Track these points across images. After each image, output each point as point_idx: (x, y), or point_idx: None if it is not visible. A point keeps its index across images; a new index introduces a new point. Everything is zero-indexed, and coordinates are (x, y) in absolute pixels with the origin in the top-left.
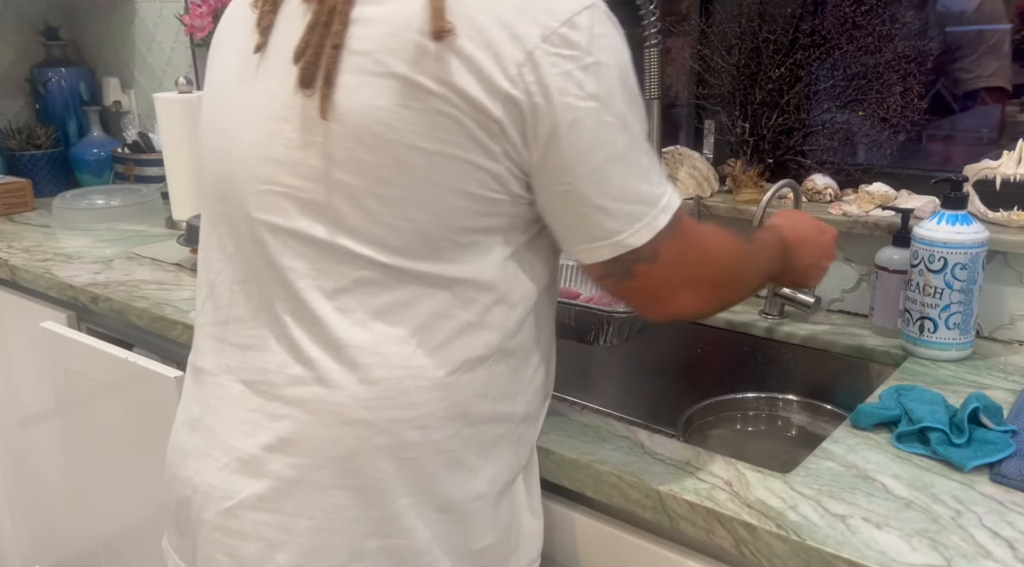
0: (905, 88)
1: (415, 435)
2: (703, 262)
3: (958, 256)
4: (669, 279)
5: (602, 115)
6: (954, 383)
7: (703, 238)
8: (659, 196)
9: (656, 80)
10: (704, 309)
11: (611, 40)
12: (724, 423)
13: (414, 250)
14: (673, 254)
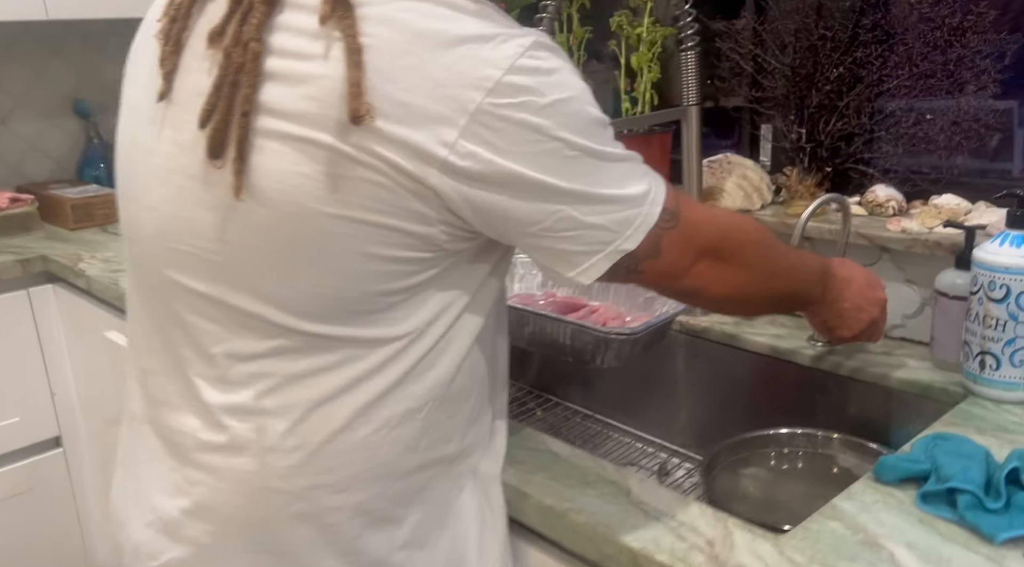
0: (979, 87)
1: (336, 500)
2: (721, 237)
3: (1023, 284)
4: (677, 264)
5: (566, 152)
6: (1016, 431)
7: (717, 217)
8: (644, 193)
9: (694, 86)
10: (727, 287)
11: (561, 74)
12: (759, 460)
13: (336, 316)
14: (677, 244)
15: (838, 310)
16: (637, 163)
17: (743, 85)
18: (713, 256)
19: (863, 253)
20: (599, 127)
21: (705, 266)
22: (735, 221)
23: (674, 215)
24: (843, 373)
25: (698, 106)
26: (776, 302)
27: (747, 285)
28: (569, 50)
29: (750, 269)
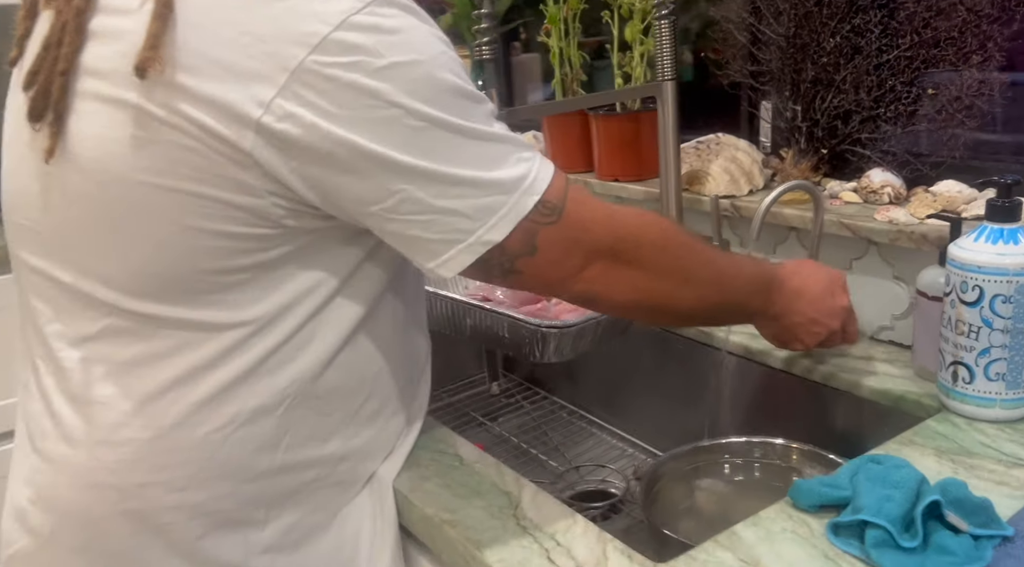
0: (984, 58)
1: (170, 499)
2: (616, 238)
3: (999, 285)
4: (561, 265)
5: (408, 120)
6: (981, 456)
7: (614, 216)
8: (516, 179)
9: (669, 58)
10: (629, 294)
11: (409, 34)
12: (710, 471)
13: (167, 295)
14: (559, 242)
15: (788, 324)
16: (514, 145)
17: (737, 58)
18: (609, 259)
19: (849, 246)
20: (460, 98)
21: (599, 270)
22: (639, 221)
23: (555, 210)
24: (815, 378)
25: (674, 81)
26: (702, 313)
27: (655, 293)
28: (564, 21)
29: (657, 275)
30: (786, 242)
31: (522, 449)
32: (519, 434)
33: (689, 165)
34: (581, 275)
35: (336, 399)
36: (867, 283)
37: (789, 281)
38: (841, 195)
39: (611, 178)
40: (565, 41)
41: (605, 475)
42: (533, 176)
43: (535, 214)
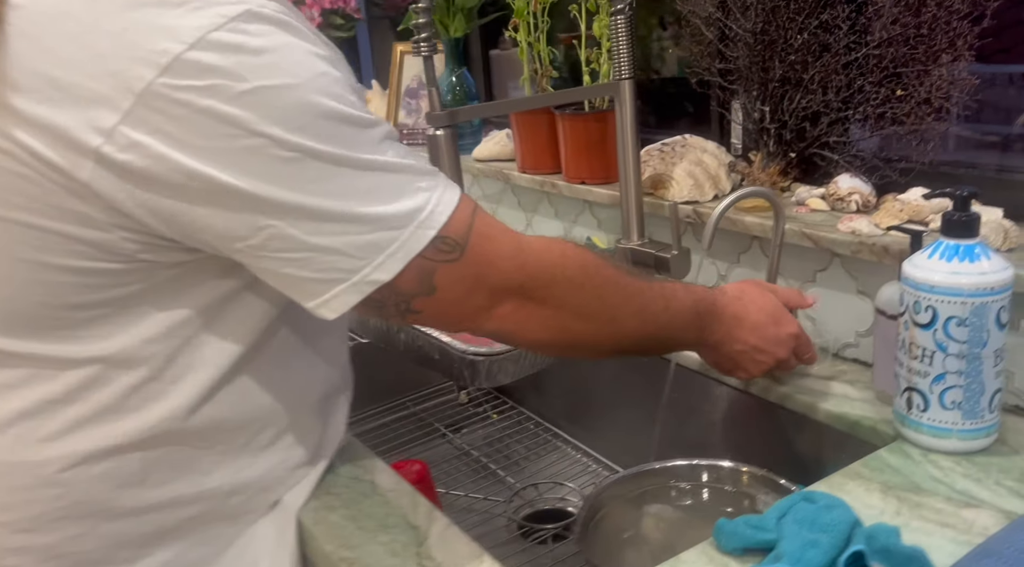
0: (955, 57)
1: (16, 540)
2: (527, 276)
3: (953, 307)
4: (466, 304)
5: (275, 151)
6: (931, 493)
7: (525, 251)
8: (409, 213)
9: (626, 56)
10: (546, 333)
11: (279, 55)
12: (663, 495)
13: (14, 328)
14: (461, 280)
15: (729, 352)
16: (409, 174)
17: (705, 55)
18: (519, 297)
19: (812, 257)
20: (341, 125)
21: (510, 308)
22: (552, 257)
23: (456, 245)
24: (771, 399)
25: (631, 80)
26: (630, 348)
27: (572, 332)
28: (532, 16)
29: (574, 313)
30: (749, 251)
31: (481, 464)
32: (482, 447)
33: (652, 168)
34: (490, 314)
35: (218, 433)
36: (831, 297)
37: (729, 307)
38: (808, 202)
39: (578, 181)
40: (533, 36)
41: (564, 493)
42: (430, 208)
43: (432, 250)
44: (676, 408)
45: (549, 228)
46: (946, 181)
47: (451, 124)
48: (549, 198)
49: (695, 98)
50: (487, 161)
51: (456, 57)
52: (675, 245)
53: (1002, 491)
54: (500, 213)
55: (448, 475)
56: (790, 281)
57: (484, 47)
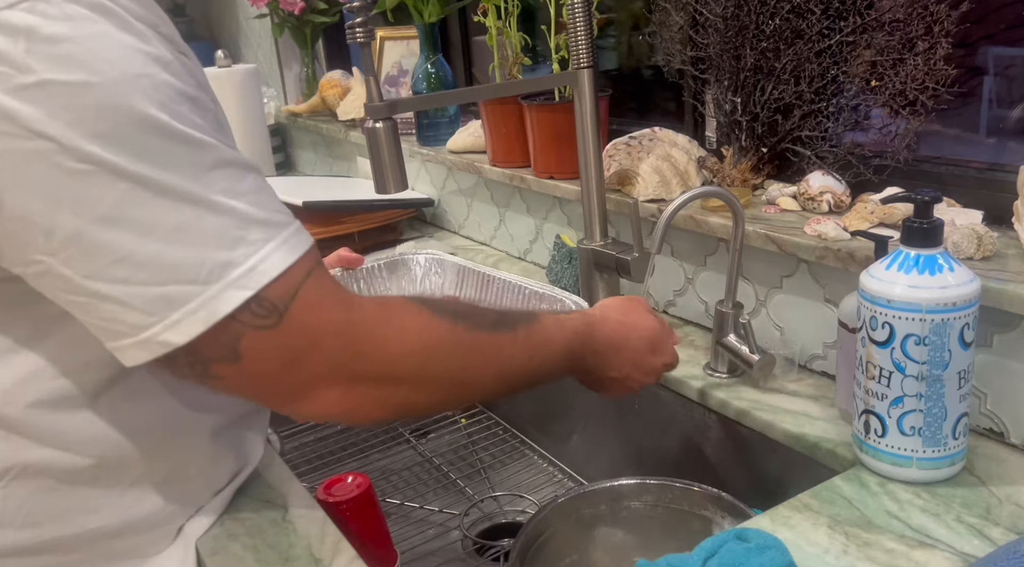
0: (931, 45)
1: None
2: (357, 354)
3: (911, 324)
4: (278, 380)
5: (61, 159)
6: (883, 528)
7: (358, 324)
8: (222, 267)
9: (584, 43)
10: (381, 413)
11: (85, 45)
12: (613, 517)
13: None
14: (274, 352)
15: (599, 377)
16: (236, 220)
17: (675, 41)
18: (348, 379)
19: (779, 261)
20: (158, 138)
21: (337, 393)
22: (388, 330)
23: (274, 310)
24: (729, 414)
25: (591, 69)
26: (494, 396)
27: (419, 403)
28: (504, 2)
29: (418, 386)
30: (716, 253)
31: (442, 473)
32: (446, 453)
33: (618, 163)
34: (311, 397)
35: (103, 471)
36: (797, 304)
37: (608, 335)
38: (779, 201)
39: (546, 175)
40: (503, 21)
41: (524, 506)
42: (250, 265)
43: (243, 313)
44: (645, 422)
45: (520, 225)
46: (926, 180)
47: (390, 116)
48: (520, 193)
49: (677, 89)
50: (461, 153)
51: (432, 43)
52: (636, 247)
53: (961, 529)
54: (474, 208)
55: (407, 484)
56: (756, 287)
57: (464, 33)
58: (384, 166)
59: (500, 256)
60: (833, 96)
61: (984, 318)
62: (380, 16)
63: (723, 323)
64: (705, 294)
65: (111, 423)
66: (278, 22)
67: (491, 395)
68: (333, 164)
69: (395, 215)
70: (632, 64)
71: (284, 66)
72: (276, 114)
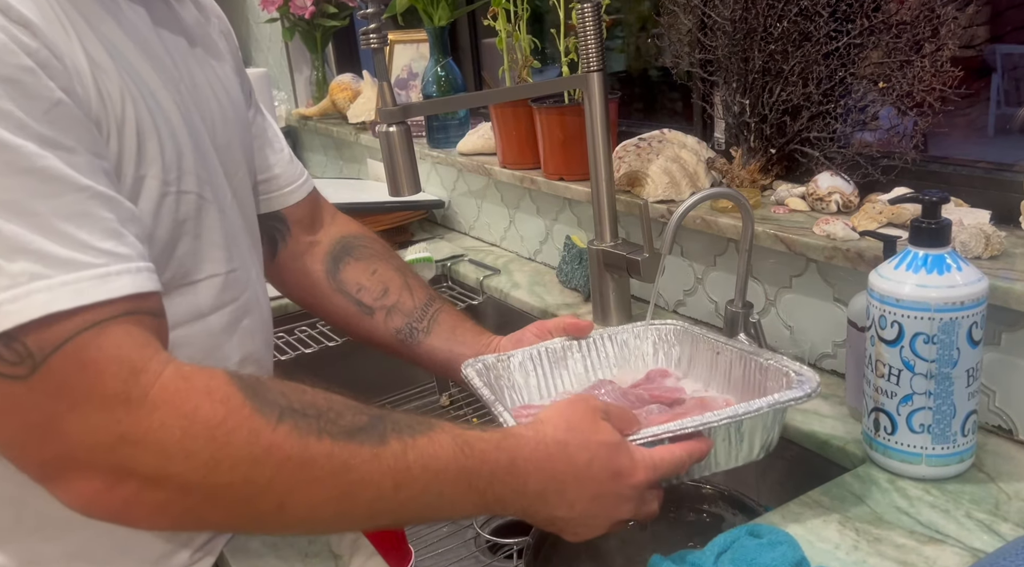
0: (937, 46)
1: None
2: (121, 439)
3: (920, 323)
4: (28, 446)
5: None
6: (893, 524)
7: (140, 401)
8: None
9: (594, 47)
10: (160, 520)
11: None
12: None
13: None
14: (11, 409)
15: (544, 519)
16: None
17: (684, 44)
18: (115, 472)
19: (788, 261)
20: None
21: (97, 486)
22: (179, 414)
23: (28, 358)
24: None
25: (600, 72)
26: (348, 528)
27: (215, 520)
28: (513, 3)
29: (211, 498)
30: (725, 253)
31: None
32: None
33: (628, 165)
34: (64, 481)
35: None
36: (807, 304)
37: (539, 466)
38: (787, 201)
39: (556, 177)
40: (513, 24)
41: None
42: (15, 294)
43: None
44: None
45: (531, 226)
46: (934, 181)
47: (404, 120)
48: (530, 194)
49: (685, 91)
50: (471, 155)
51: (441, 47)
52: (646, 248)
53: (971, 524)
54: (484, 209)
55: None
56: (766, 286)
57: (473, 36)
58: (398, 169)
59: (510, 257)
60: (841, 97)
61: (992, 316)
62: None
63: (733, 322)
64: (715, 294)
65: None
66: (288, 26)
67: (336, 528)
68: (344, 166)
69: (406, 217)
70: (640, 65)
71: (295, 69)
72: (287, 117)
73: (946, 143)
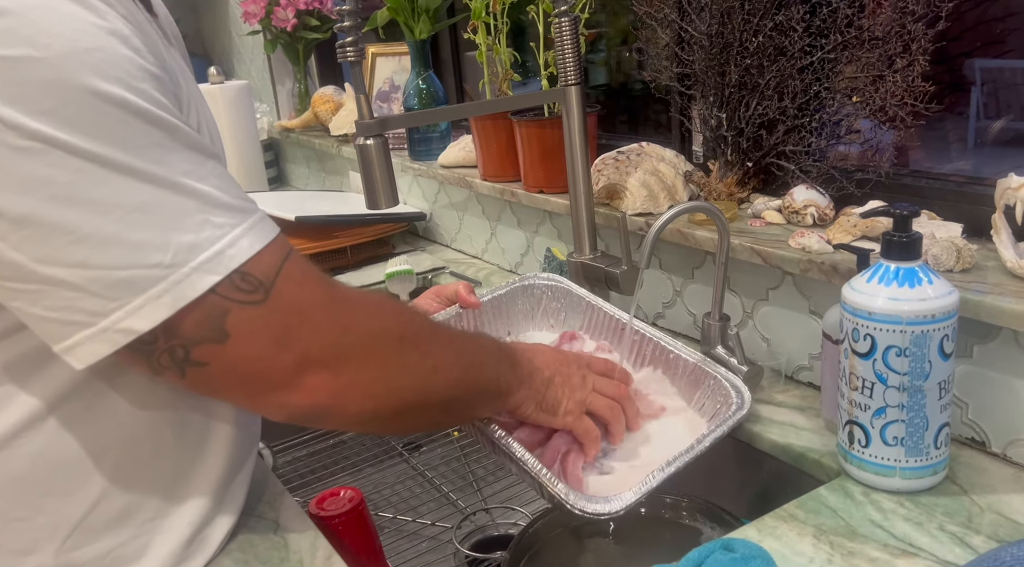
0: (909, 62)
1: None
2: (344, 331)
3: (892, 336)
4: (271, 360)
5: (5, 137)
6: (867, 537)
7: (340, 303)
8: (187, 249)
9: (572, 61)
10: (368, 402)
11: (28, 18)
12: (604, 528)
13: None
14: (263, 328)
15: (539, 384)
16: (201, 203)
17: (662, 58)
18: (336, 360)
19: (764, 274)
20: (114, 115)
21: (324, 378)
22: (368, 309)
23: (260, 286)
24: None
25: (579, 86)
26: (455, 404)
27: (402, 390)
28: (493, 17)
29: (401, 369)
30: (703, 266)
31: (435, 486)
32: (438, 467)
33: (607, 178)
34: (299, 383)
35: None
36: (783, 316)
37: (523, 347)
38: (764, 215)
39: (536, 190)
40: (492, 38)
41: (516, 518)
42: (218, 249)
43: (227, 286)
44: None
45: (511, 238)
46: (908, 194)
47: (381, 133)
48: (511, 207)
49: (663, 104)
50: (452, 167)
51: (422, 60)
52: (625, 260)
53: (944, 537)
54: (465, 222)
55: (400, 497)
56: (743, 299)
57: (454, 49)
58: (375, 182)
59: (492, 269)
60: (816, 112)
61: (964, 329)
62: (372, 33)
63: (711, 335)
64: (693, 306)
65: (46, 452)
66: (271, 38)
67: (456, 392)
68: (326, 178)
69: (387, 229)
70: (621, 79)
71: (277, 82)
72: (269, 129)
73: (926, 156)
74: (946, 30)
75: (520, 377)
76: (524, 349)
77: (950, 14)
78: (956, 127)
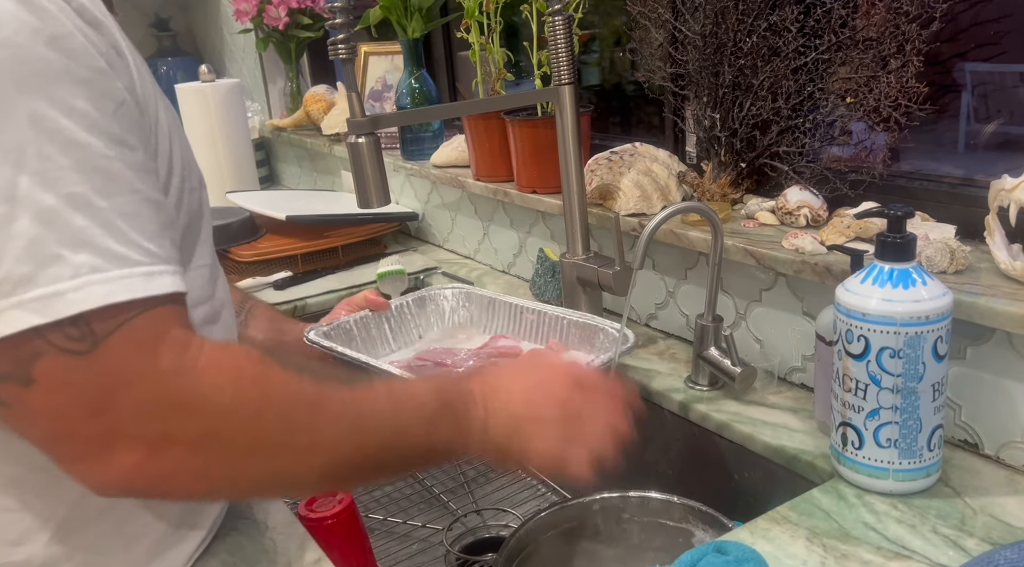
0: (903, 63)
1: None
2: (176, 407)
3: (886, 337)
4: (77, 422)
5: None
6: (860, 539)
7: (186, 373)
8: (17, 282)
9: (565, 60)
10: (199, 485)
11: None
12: (596, 531)
13: None
14: (73, 384)
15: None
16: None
17: (655, 58)
18: (158, 439)
19: (758, 275)
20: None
21: (139, 456)
22: (227, 376)
23: (90, 337)
24: (710, 426)
25: (572, 85)
26: (352, 475)
27: (251, 472)
28: (486, 16)
29: (250, 448)
30: (696, 267)
31: (425, 487)
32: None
33: (600, 178)
34: (107, 456)
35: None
36: (777, 318)
37: (497, 371)
38: (757, 216)
39: (529, 190)
40: (486, 37)
41: (507, 520)
42: (60, 289)
43: (52, 331)
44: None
45: (504, 239)
46: (901, 195)
47: (372, 131)
48: (504, 207)
49: (657, 104)
50: (445, 167)
51: (415, 59)
52: (618, 261)
53: (937, 540)
54: (458, 222)
55: (390, 499)
56: (736, 300)
57: (448, 48)
58: (367, 181)
59: (484, 270)
60: (809, 112)
61: (958, 331)
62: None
63: (704, 336)
64: (687, 307)
65: None
66: (262, 37)
67: (348, 465)
68: (318, 178)
69: (379, 229)
70: (614, 79)
71: (268, 81)
72: (261, 128)
73: (917, 158)
74: (939, 31)
75: (470, 429)
76: (484, 386)
77: (944, 15)
78: (947, 130)
